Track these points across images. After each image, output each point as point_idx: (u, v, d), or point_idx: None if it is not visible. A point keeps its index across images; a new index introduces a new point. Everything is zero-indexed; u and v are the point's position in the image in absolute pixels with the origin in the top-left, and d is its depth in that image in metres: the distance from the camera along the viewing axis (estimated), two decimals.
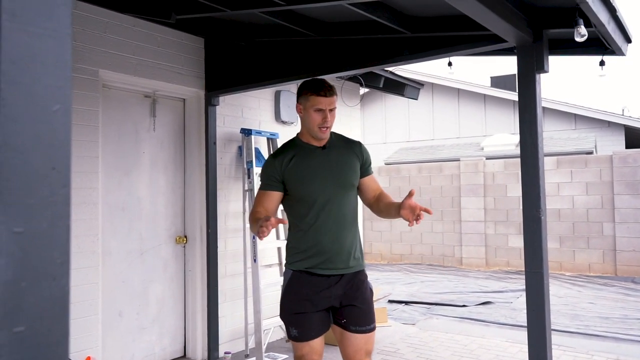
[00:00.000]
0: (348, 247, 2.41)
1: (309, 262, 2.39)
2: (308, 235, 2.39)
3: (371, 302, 2.48)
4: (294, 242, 2.46)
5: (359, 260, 2.47)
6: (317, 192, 2.37)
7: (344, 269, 2.40)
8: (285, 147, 2.50)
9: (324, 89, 2.36)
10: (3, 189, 0.54)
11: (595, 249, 8.80)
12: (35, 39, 0.59)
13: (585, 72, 47.30)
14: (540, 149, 2.90)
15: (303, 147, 2.45)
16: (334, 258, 2.37)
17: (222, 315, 4.35)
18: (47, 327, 0.59)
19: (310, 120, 2.38)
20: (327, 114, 2.36)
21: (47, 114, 0.60)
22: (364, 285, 2.46)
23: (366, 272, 2.54)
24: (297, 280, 2.41)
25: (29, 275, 0.57)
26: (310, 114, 2.38)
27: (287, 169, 2.39)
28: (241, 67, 4.15)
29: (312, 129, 2.40)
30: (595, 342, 4.87)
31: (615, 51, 3.23)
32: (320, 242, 2.37)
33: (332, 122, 2.41)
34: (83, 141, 3.49)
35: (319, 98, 2.35)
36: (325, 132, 2.40)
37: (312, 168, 2.40)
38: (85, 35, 3.50)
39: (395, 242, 10.77)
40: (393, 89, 6.11)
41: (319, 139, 2.43)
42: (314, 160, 2.41)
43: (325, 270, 2.38)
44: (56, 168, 0.60)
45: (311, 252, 2.39)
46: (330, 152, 2.45)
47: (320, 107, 2.35)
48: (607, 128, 12.44)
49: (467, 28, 3.03)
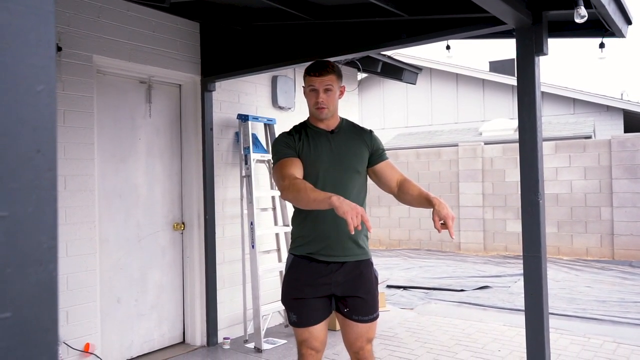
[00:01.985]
0: (350, 235, 2.34)
1: (310, 248, 2.37)
2: (309, 219, 2.38)
3: (375, 291, 2.43)
4: (295, 226, 2.46)
5: (363, 248, 2.40)
6: (319, 175, 2.35)
7: (344, 257, 2.35)
8: (295, 127, 2.49)
9: (317, 69, 2.36)
10: None
11: (593, 233, 8.83)
12: (16, 17, 0.56)
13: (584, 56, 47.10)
14: (539, 133, 2.88)
15: (311, 129, 2.45)
16: (334, 244, 2.34)
17: (220, 301, 4.36)
18: (35, 313, 0.57)
19: (308, 100, 2.42)
20: (321, 93, 2.35)
21: (31, 94, 0.58)
22: (368, 274, 2.40)
23: (371, 260, 2.46)
24: (298, 265, 2.40)
25: (15, 260, 0.55)
26: (307, 94, 2.42)
27: (298, 147, 2.38)
28: (237, 52, 4.11)
29: (311, 109, 2.42)
30: (593, 325, 4.90)
31: (615, 33, 3.20)
32: (320, 227, 2.35)
33: (331, 102, 2.38)
34: (78, 127, 3.46)
35: (312, 78, 2.37)
36: (322, 111, 2.37)
37: (317, 151, 2.38)
38: (78, 20, 3.45)
39: (394, 228, 10.80)
40: (391, 73, 6.07)
41: (319, 119, 2.42)
42: (320, 143, 2.39)
43: (325, 256, 2.35)
44: (41, 151, 0.58)
45: (311, 237, 2.37)
46: (337, 137, 2.42)
47: (314, 86, 2.36)
48: (605, 112, 12.41)
49: (466, 10, 2.99)
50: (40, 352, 0.57)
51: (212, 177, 4.30)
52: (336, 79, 2.40)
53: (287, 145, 2.37)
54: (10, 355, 0.55)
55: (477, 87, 13.93)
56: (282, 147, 2.37)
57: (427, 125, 14.46)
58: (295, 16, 3.60)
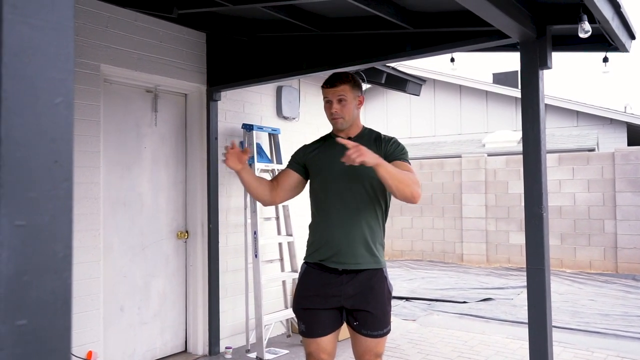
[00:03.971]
0: (362, 242, 2.31)
1: (320, 255, 2.37)
2: (320, 225, 2.40)
3: (387, 306, 2.37)
4: (310, 233, 2.49)
5: (377, 257, 2.35)
6: (332, 181, 2.38)
7: (356, 264, 2.31)
8: (320, 138, 2.62)
9: (329, 81, 2.43)
10: (5, 182, 0.54)
11: (596, 246, 8.80)
12: (37, 32, 0.58)
13: (588, 69, 47.18)
14: (542, 146, 2.89)
15: (331, 138, 2.51)
16: (344, 252, 2.31)
17: (223, 310, 4.36)
18: (50, 321, 0.58)
19: (325, 111, 2.48)
20: (334, 104, 2.40)
21: (49, 106, 0.59)
22: (379, 289, 2.34)
23: (386, 272, 2.40)
24: (310, 274, 2.41)
25: (31, 268, 0.57)
26: (325, 106, 2.48)
27: (310, 156, 2.50)
28: (243, 62, 4.14)
29: (329, 120, 2.48)
30: (596, 339, 4.87)
31: (619, 48, 3.22)
32: (330, 233, 2.35)
33: (346, 112, 2.40)
34: (84, 136, 3.49)
35: (325, 90, 2.44)
36: (338, 121, 2.42)
37: (331, 158, 2.40)
38: (87, 30, 3.49)
39: (396, 239, 10.78)
40: (395, 84, 6.09)
41: (338, 130, 2.47)
42: (335, 151, 2.37)
43: (336, 264, 2.32)
44: (58, 161, 0.60)
45: (321, 243, 2.37)
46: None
47: (328, 97, 2.43)
48: (609, 125, 12.41)
49: (470, 24, 3.01)
50: (54, 359, 0.59)
51: (217, 186, 4.32)
52: (350, 88, 2.41)
53: (292, 158, 2.58)
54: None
55: (480, 99, 13.96)
56: (291, 158, 2.59)
57: (431, 136, 14.48)
58: (301, 28, 3.64)
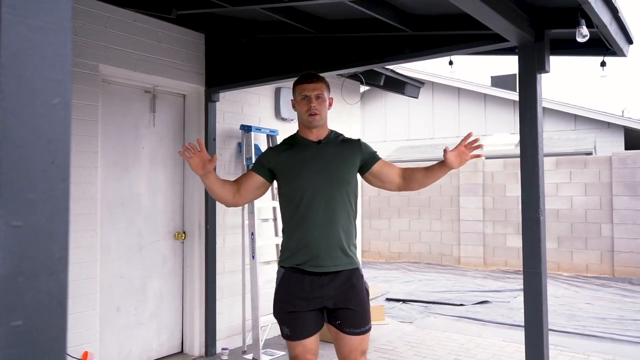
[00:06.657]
0: (338, 244, 2.36)
1: (298, 259, 2.38)
2: (296, 229, 2.39)
3: (367, 302, 2.44)
4: (285, 237, 2.48)
5: (351, 257, 2.42)
6: (306, 185, 2.37)
7: (334, 266, 2.35)
8: (284, 140, 2.57)
9: (308, 77, 2.43)
10: (2, 183, 0.54)
11: (593, 250, 8.81)
12: (35, 32, 0.58)
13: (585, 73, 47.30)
14: (540, 149, 2.89)
15: (299, 140, 2.49)
16: (323, 255, 2.34)
17: (219, 311, 4.35)
18: (45, 321, 0.58)
19: (300, 109, 2.45)
20: (313, 100, 2.39)
21: (47, 107, 0.59)
22: (359, 286, 2.41)
23: (361, 271, 2.48)
24: (289, 278, 2.41)
25: (27, 269, 0.57)
26: (298, 103, 2.45)
27: (279, 160, 2.45)
28: (242, 63, 4.14)
29: (303, 118, 2.45)
30: (592, 343, 4.88)
31: (616, 52, 3.23)
32: (307, 236, 2.35)
33: (322, 109, 2.42)
34: (82, 136, 3.48)
35: (303, 85, 2.42)
36: (315, 118, 2.40)
37: (303, 161, 2.41)
38: (85, 30, 3.49)
39: (394, 241, 10.78)
40: (393, 87, 6.10)
41: (311, 127, 2.44)
42: (307, 154, 2.42)
43: (315, 267, 2.35)
44: (55, 162, 0.60)
45: (299, 247, 2.37)
46: (324, 147, 2.45)
47: (305, 93, 2.41)
48: (606, 129, 12.44)
49: (469, 27, 3.02)
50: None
51: None
52: (325, 88, 2.46)
53: (257, 162, 2.52)
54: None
55: (478, 102, 13.98)
56: (256, 162, 2.53)
57: (429, 139, 14.49)
58: (300, 29, 3.64)
